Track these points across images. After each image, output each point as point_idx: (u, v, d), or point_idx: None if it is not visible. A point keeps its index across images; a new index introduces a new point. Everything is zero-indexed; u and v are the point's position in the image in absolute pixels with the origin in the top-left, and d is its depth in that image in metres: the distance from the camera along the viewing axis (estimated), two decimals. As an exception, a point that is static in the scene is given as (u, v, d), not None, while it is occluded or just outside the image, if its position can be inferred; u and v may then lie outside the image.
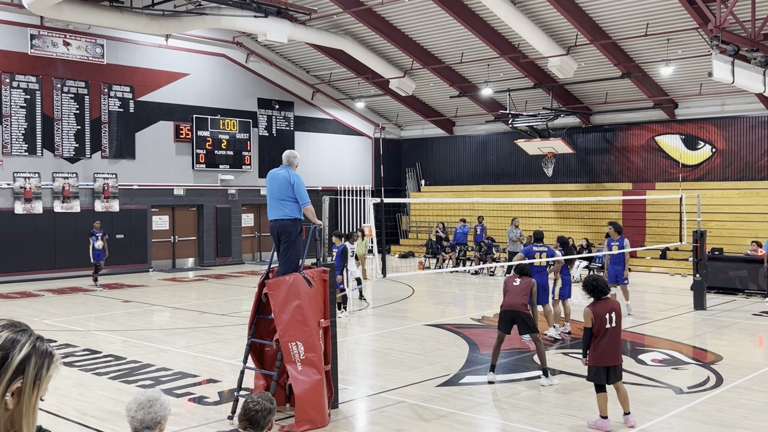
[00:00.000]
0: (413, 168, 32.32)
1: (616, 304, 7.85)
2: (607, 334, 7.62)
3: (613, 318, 7.67)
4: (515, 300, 9.73)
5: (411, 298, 17.79)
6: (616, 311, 7.73)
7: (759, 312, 15.27)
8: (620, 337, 7.82)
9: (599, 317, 7.64)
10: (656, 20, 19.77)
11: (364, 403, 8.91)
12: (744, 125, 23.43)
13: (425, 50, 24.48)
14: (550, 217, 26.53)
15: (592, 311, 7.68)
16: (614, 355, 7.66)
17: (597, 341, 7.64)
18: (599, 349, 7.61)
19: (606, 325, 7.62)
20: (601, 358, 7.62)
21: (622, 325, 7.86)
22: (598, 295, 7.79)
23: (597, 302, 7.77)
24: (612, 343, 7.64)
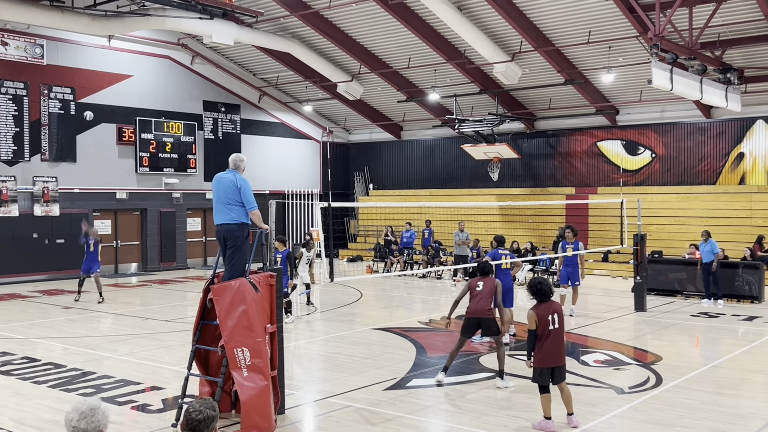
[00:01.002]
0: (361, 172, 32.34)
1: (557, 306, 7.99)
2: (551, 335, 7.76)
3: (556, 319, 7.82)
4: (480, 306, 9.81)
5: (359, 302, 17.79)
6: (558, 313, 7.88)
7: (697, 313, 15.74)
8: (563, 338, 7.97)
9: (543, 319, 7.78)
10: (598, 28, 20.23)
11: (311, 409, 8.87)
12: (682, 131, 24.14)
13: (373, 54, 24.55)
14: (495, 221, 26.85)
15: (536, 313, 7.82)
16: (558, 356, 7.80)
17: (541, 343, 7.76)
18: (544, 351, 7.74)
19: (549, 326, 7.76)
20: (545, 360, 7.75)
21: (564, 326, 8.01)
22: (541, 298, 7.93)
23: (540, 304, 7.92)
24: (556, 344, 7.77)
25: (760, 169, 22.70)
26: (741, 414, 8.40)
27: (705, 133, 23.69)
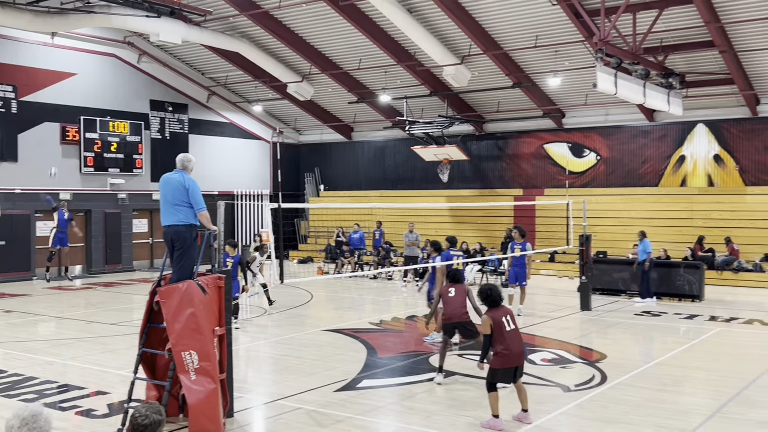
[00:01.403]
0: (312, 173, 32.23)
1: (508, 310, 8.25)
2: (511, 336, 7.96)
3: (510, 320, 8.02)
4: (456, 311, 10.03)
5: (309, 304, 17.73)
6: (510, 315, 8.14)
7: (640, 312, 16.14)
8: (521, 338, 8.16)
9: (497, 322, 7.95)
10: (545, 33, 20.57)
11: (261, 411, 8.81)
12: (626, 134, 24.72)
13: (323, 55, 24.49)
14: (445, 222, 27.07)
15: (490, 317, 7.99)
16: (519, 356, 8.03)
17: (503, 345, 7.91)
18: (507, 351, 7.91)
19: (506, 328, 7.95)
20: (508, 360, 7.93)
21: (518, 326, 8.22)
22: (491, 304, 8.16)
23: (492, 309, 8.11)
24: (516, 343, 7.98)
25: (701, 171, 23.39)
26: (682, 410, 8.64)
27: (648, 136, 24.31)
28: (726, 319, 15.29)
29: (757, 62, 20.14)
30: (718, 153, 23.06)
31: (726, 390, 9.47)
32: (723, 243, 21.48)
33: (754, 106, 22.10)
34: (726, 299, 18.12)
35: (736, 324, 14.74)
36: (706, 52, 19.80)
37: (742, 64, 20.28)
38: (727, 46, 18.99)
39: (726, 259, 21.08)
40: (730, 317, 15.45)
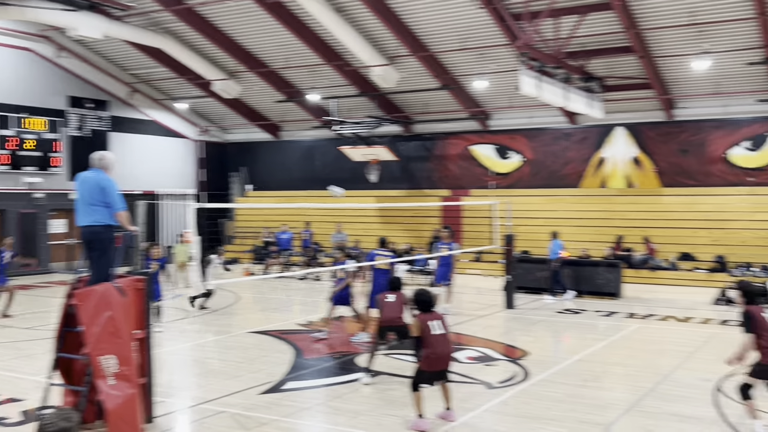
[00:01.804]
0: (239, 172, 31.77)
1: (439, 315, 8.26)
2: (437, 339, 7.97)
3: (438, 325, 8.06)
4: (391, 315, 10.12)
5: (235, 306, 17.46)
6: (440, 320, 8.15)
7: (562, 309, 16.54)
8: (449, 343, 8.18)
9: (425, 325, 8.00)
10: (471, 36, 20.86)
11: (183, 416, 8.61)
12: (549, 136, 25.31)
13: (250, 53, 24.18)
14: (374, 222, 27.13)
15: (419, 320, 8.07)
16: (446, 359, 8.09)
17: (430, 348, 7.95)
18: (434, 355, 7.95)
19: (431, 331, 7.97)
20: (435, 363, 7.98)
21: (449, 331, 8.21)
22: (423, 308, 8.22)
23: (423, 313, 8.17)
24: (442, 347, 8.01)
25: (620, 173, 24.15)
26: (601, 405, 8.89)
27: (570, 139, 24.95)
28: (643, 316, 15.82)
29: (673, 68, 20.94)
30: (637, 155, 23.87)
31: (643, 384, 9.79)
32: (641, 242, 22.24)
33: (670, 110, 22.97)
34: (643, 297, 18.76)
35: (652, 321, 15.27)
36: (625, 58, 20.46)
37: (659, 70, 21.05)
38: (644, 51, 19.67)
39: (643, 258, 21.83)
40: (647, 314, 16.00)
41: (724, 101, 22.32)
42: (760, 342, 7.59)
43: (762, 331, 7.62)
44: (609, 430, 7.87)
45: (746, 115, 22.19)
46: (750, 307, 7.87)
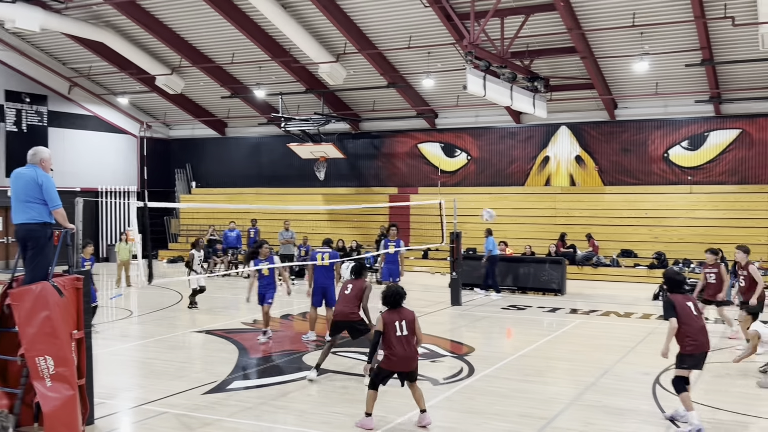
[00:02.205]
0: (183, 169, 31.27)
1: (408, 314, 8.00)
2: (398, 341, 7.79)
3: (404, 326, 7.85)
4: (344, 309, 10.07)
5: (179, 305, 17.16)
6: (407, 320, 7.91)
7: (507, 306, 16.75)
8: (412, 344, 7.90)
9: (389, 324, 7.82)
10: (418, 34, 20.94)
11: (125, 417, 8.43)
12: (495, 135, 25.60)
13: (194, 48, 23.80)
14: (322, 220, 27.05)
15: (383, 318, 7.88)
16: (406, 361, 7.84)
17: (389, 349, 7.80)
18: (393, 356, 7.79)
19: (396, 332, 7.80)
20: (393, 364, 7.82)
21: (415, 333, 7.95)
22: (392, 305, 8.00)
23: (390, 311, 7.96)
24: (402, 349, 7.79)
25: (564, 171, 24.58)
26: (544, 399, 9.03)
27: (515, 138, 25.28)
28: (585, 311, 16.14)
29: (615, 68, 21.40)
30: (579, 154, 24.32)
31: (584, 379, 9.98)
32: (584, 239, 22.68)
33: (612, 110, 23.47)
34: (586, 293, 19.14)
35: (594, 316, 15.59)
36: (569, 58, 20.82)
37: (602, 70, 21.49)
38: (587, 52, 20.05)
39: (586, 255, 22.27)
40: (590, 310, 16.33)
41: (665, 102, 22.94)
42: (681, 330, 7.87)
43: (684, 320, 7.87)
44: (551, 424, 7.99)
45: (685, 115, 22.84)
46: (674, 295, 8.10)
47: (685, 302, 8.02)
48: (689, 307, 7.98)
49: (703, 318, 8.15)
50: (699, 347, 7.89)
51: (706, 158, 22.69)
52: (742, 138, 22.24)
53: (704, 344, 7.93)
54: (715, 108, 22.20)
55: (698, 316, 8.01)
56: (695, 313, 7.98)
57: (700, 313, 8.12)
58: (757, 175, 22.09)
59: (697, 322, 7.94)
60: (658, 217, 22.67)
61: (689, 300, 8.10)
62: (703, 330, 7.95)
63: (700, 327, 7.95)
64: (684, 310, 7.93)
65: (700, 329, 7.93)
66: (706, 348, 7.95)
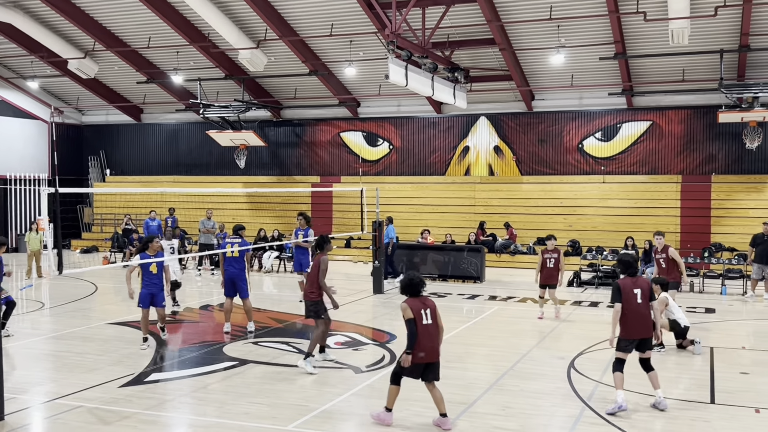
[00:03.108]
0: (97, 156, 30.25)
1: (430, 302, 7.68)
2: (423, 330, 7.44)
3: (429, 314, 7.53)
4: (306, 287, 10.08)
5: (94, 296, 16.65)
6: (431, 308, 7.60)
7: (427, 293, 16.92)
8: (437, 335, 7.58)
9: (416, 312, 7.47)
10: (340, 22, 20.86)
11: (36, 412, 8.13)
12: (416, 125, 25.81)
13: (108, 31, 23.00)
14: (243, 209, 26.70)
15: (409, 306, 7.51)
16: (430, 352, 7.47)
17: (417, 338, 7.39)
18: (420, 347, 7.39)
19: (422, 321, 7.45)
20: (420, 357, 7.44)
21: (439, 323, 7.67)
22: (412, 293, 7.66)
23: (411, 298, 7.63)
24: (426, 339, 7.43)
25: (483, 161, 25.03)
26: (464, 384, 9.20)
27: (436, 128, 25.57)
28: (504, 298, 16.53)
29: (533, 60, 21.90)
30: (498, 144, 24.82)
31: (503, 364, 10.23)
32: (503, 228, 23.18)
33: (530, 102, 24.02)
34: (504, 280, 19.59)
35: (512, 302, 15.99)
36: (488, 49, 21.17)
37: (520, 62, 21.95)
38: (506, 44, 20.43)
39: (504, 243, 22.77)
40: (507, 296, 16.73)
41: (580, 94, 23.64)
42: (623, 314, 8.10)
43: (627, 305, 8.07)
44: (470, 409, 8.17)
45: (599, 107, 23.61)
46: (623, 279, 8.28)
47: (632, 288, 8.13)
48: (635, 293, 8.10)
49: (650, 305, 8.22)
50: (635, 333, 8.08)
51: (619, 149, 23.54)
52: (653, 130, 23.17)
53: (641, 331, 8.09)
54: (628, 100, 23.02)
55: (643, 303, 8.11)
56: (640, 300, 8.10)
57: (649, 299, 8.20)
58: (666, 165, 23.07)
59: (638, 308, 8.07)
60: (572, 206, 23.39)
61: (638, 286, 8.17)
62: (643, 316, 8.08)
63: (641, 313, 8.07)
64: (628, 296, 8.08)
65: (641, 315, 8.07)
66: (643, 335, 8.11)
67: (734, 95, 20.38)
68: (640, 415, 7.96)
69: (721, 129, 22.22)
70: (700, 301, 16.23)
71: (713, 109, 21.64)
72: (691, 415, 8.03)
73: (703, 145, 22.75)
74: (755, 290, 16.75)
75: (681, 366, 10.43)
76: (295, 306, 15.43)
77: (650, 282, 8.67)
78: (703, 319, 14.09)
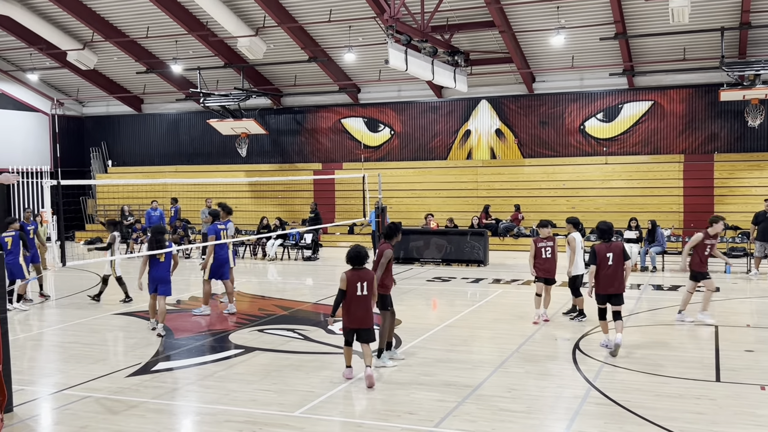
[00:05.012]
0: (99, 147, 30.26)
1: (368, 274, 8.55)
2: (356, 300, 8.43)
3: (365, 287, 8.44)
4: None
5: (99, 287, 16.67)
6: (368, 281, 8.49)
7: (432, 278, 17.00)
8: (368, 305, 8.53)
9: (351, 283, 8.40)
10: (339, 7, 20.77)
11: (46, 403, 8.19)
12: (417, 110, 25.76)
13: (107, 22, 22.94)
14: (245, 197, 26.72)
15: (346, 276, 8.44)
16: (359, 320, 8.48)
17: (348, 305, 8.44)
18: (349, 314, 8.46)
19: (357, 292, 8.41)
20: (351, 322, 8.49)
21: (373, 294, 8.60)
22: (354, 264, 8.49)
23: (352, 270, 8.49)
24: (355, 308, 8.44)
25: (485, 145, 24.99)
26: (470, 367, 9.23)
27: (437, 112, 25.51)
28: (508, 281, 16.55)
29: (533, 42, 21.80)
30: (500, 127, 24.76)
31: (507, 346, 10.26)
32: (506, 212, 23.17)
33: (531, 84, 23.94)
34: (508, 263, 19.61)
35: (516, 285, 16.01)
36: (488, 32, 21.08)
37: (520, 44, 21.85)
38: (506, 26, 20.33)
39: (507, 226, 22.77)
40: (511, 279, 16.75)
41: (580, 75, 23.55)
42: (597, 274, 9.68)
43: (600, 266, 9.67)
44: (476, 392, 8.20)
45: (600, 88, 23.52)
46: (599, 244, 9.85)
47: (605, 252, 9.69)
48: (607, 256, 9.64)
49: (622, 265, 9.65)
50: (606, 288, 9.69)
51: (620, 130, 23.48)
52: (654, 110, 23.09)
53: (610, 287, 9.67)
54: (629, 80, 22.93)
55: (614, 264, 9.60)
56: (611, 262, 9.61)
57: (622, 261, 9.63)
58: (668, 145, 23.01)
59: (608, 269, 9.63)
60: (575, 188, 23.36)
61: (610, 250, 9.68)
62: (614, 276, 9.63)
63: (611, 273, 9.63)
64: (601, 259, 9.67)
65: (611, 275, 9.63)
66: (614, 290, 9.67)
67: (736, 73, 20.29)
68: (645, 395, 7.99)
69: (723, 107, 22.14)
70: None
71: (715, 88, 21.55)
72: (696, 393, 8.06)
73: (705, 124, 22.67)
74: (759, 268, 16.75)
75: (686, 345, 10.46)
76: (299, 293, 15.49)
77: (623, 245, 10.00)
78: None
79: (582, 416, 7.37)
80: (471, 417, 7.35)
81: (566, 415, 7.45)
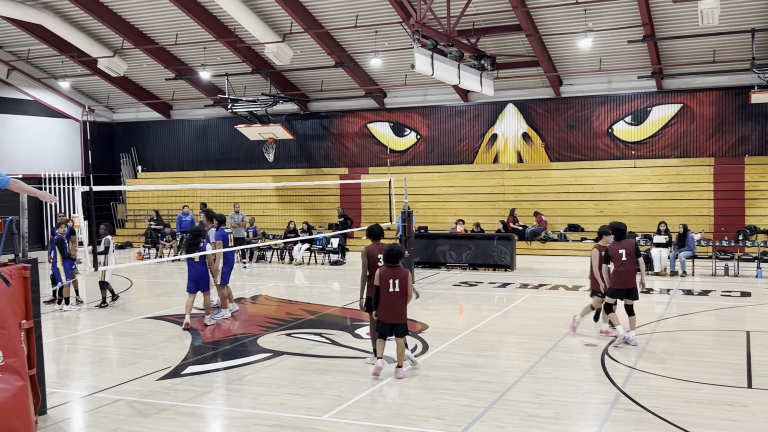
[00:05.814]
0: (128, 153, 30.68)
1: (402, 273, 8.88)
2: (388, 297, 8.85)
3: (396, 284, 8.82)
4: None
5: (129, 291, 16.94)
6: (400, 279, 8.85)
7: (458, 282, 16.98)
8: (401, 302, 8.89)
9: (384, 280, 8.83)
10: (365, 13, 20.85)
11: (78, 406, 8.33)
12: (443, 114, 25.74)
13: (136, 29, 23.26)
14: (272, 202, 26.90)
15: (380, 274, 8.89)
16: (390, 316, 8.90)
17: (380, 301, 8.88)
18: (381, 309, 8.90)
19: (389, 288, 8.82)
20: (384, 315, 8.93)
21: (408, 293, 8.94)
22: (391, 262, 8.89)
23: (386, 267, 8.93)
24: (392, 304, 8.85)
25: (511, 148, 24.89)
26: (497, 372, 9.22)
27: (463, 116, 25.47)
28: (535, 285, 16.47)
29: (560, 45, 21.69)
30: (526, 131, 24.65)
31: (535, 351, 10.22)
32: (532, 216, 23.06)
33: (558, 87, 23.81)
34: (535, 267, 19.51)
35: (543, 290, 15.93)
36: (514, 36, 21.02)
37: (547, 47, 21.76)
38: (532, 29, 20.26)
39: (534, 230, 22.66)
40: (539, 284, 16.67)
41: (608, 78, 23.38)
42: (615, 270, 10.22)
43: (615, 263, 10.21)
44: (504, 397, 8.18)
45: (628, 91, 23.32)
46: (612, 244, 10.39)
47: (618, 249, 10.27)
48: (620, 253, 10.23)
49: (635, 263, 10.26)
50: (619, 284, 10.27)
51: (649, 133, 23.25)
52: (684, 112, 22.84)
53: (622, 282, 10.23)
54: (657, 83, 22.71)
55: (627, 261, 10.17)
56: (624, 258, 10.20)
57: (634, 258, 10.25)
58: (697, 148, 22.74)
59: (622, 266, 10.19)
60: (603, 192, 23.17)
61: (623, 247, 10.27)
62: (625, 273, 10.20)
63: (624, 270, 10.20)
64: (615, 256, 10.25)
65: (624, 272, 10.20)
66: (626, 285, 10.24)
67: (767, 75, 19.99)
68: (676, 401, 7.91)
69: (754, 110, 21.84)
70: (735, 285, 16.04)
71: (745, 90, 21.26)
72: (728, 399, 7.96)
73: (735, 127, 22.37)
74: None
75: (717, 350, 10.34)
76: (326, 297, 15.57)
77: (635, 243, 10.54)
78: (739, 302, 13.92)
79: (611, 422, 7.32)
80: (499, 423, 7.34)
81: (595, 421, 7.40)
